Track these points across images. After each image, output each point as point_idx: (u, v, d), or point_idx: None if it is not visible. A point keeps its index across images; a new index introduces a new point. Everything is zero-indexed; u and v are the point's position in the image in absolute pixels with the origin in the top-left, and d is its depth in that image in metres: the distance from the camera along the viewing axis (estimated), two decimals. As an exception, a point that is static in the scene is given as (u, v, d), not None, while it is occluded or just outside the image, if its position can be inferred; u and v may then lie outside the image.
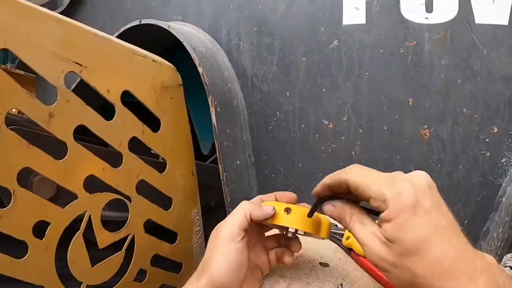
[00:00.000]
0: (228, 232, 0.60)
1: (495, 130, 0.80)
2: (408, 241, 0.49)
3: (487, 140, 0.81)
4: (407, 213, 0.49)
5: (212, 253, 0.61)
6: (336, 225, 0.72)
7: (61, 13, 1.45)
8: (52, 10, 1.16)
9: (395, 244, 0.49)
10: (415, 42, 0.82)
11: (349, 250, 0.77)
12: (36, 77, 1.52)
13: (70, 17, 0.75)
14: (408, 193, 0.50)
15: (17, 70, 1.64)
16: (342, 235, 0.77)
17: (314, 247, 0.79)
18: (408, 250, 0.49)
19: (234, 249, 0.60)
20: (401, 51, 0.82)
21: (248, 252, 0.62)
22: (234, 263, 0.60)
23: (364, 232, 0.54)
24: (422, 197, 0.50)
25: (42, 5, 1.49)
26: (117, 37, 1.02)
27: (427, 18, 0.81)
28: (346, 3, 0.86)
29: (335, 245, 0.79)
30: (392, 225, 0.50)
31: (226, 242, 0.60)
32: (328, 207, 0.58)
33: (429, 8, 0.80)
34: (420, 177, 0.53)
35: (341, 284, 0.70)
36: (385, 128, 0.84)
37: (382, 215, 0.51)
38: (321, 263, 0.75)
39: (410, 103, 0.82)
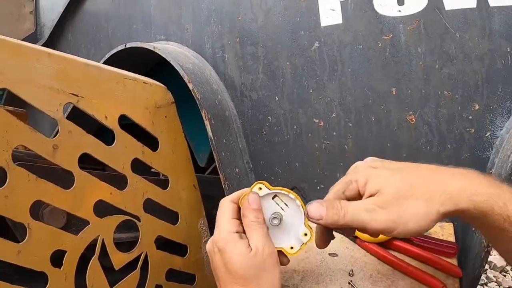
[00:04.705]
0: (274, 255, 0.64)
1: (477, 107, 0.84)
2: (385, 182, 0.60)
3: (470, 117, 0.84)
4: (369, 169, 0.63)
5: (267, 278, 0.63)
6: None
7: (43, 45, 1.47)
8: (34, 43, 1.18)
9: (382, 190, 0.59)
10: (391, 35, 0.86)
11: (354, 238, 0.81)
12: (26, 111, 1.53)
13: (53, 49, 0.78)
14: (361, 163, 0.66)
15: (6, 107, 1.65)
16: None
17: (322, 240, 0.82)
18: (389, 187, 0.59)
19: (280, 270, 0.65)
20: (379, 45, 0.86)
21: None
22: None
23: (357, 204, 0.61)
24: (372, 162, 0.65)
25: (24, 39, 1.50)
26: (103, 63, 1.04)
27: (399, 11, 0.84)
28: (322, 5, 0.89)
29: (340, 235, 0.83)
30: (370, 183, 0.61)
31: (275, 265, 0.64)
32: (313, 205, 0.62)
33: (400, 1, 0.84)
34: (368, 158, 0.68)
35: (352, 270, 0.73)
36: (373, 119, 0.88)
37: (361, 189, 0.62)
38: (330, 254, 0.78)
39: (394, 93, 0.86)
